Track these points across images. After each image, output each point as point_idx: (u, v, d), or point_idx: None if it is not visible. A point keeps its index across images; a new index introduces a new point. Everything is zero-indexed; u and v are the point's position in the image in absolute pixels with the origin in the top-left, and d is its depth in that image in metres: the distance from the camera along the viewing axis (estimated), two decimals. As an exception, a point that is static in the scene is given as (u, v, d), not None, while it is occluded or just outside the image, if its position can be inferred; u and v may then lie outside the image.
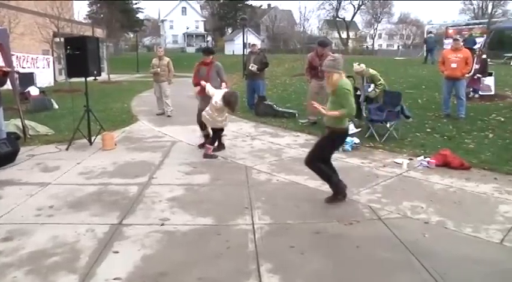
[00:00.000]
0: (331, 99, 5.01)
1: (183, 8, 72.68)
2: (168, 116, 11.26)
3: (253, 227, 4.47)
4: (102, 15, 31.58)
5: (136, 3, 58.79)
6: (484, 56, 12.79)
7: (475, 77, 11.82)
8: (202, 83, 7.30)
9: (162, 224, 4.50)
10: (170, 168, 6.57)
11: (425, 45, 25.10)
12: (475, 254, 3.99)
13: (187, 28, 70.51)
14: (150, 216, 4.72)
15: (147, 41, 72.61)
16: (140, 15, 61.43)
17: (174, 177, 6.15)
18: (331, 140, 5.13)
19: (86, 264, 3.67)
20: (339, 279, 3.54)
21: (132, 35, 56.05)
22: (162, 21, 73.29)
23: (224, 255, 3.86)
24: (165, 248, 3.99)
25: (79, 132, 7.92)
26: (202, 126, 7.52)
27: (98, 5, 47.41)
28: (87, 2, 50.66)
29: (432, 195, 5.52)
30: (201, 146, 7.59)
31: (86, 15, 50.67)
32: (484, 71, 12.01)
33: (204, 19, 74.04)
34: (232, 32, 67.12)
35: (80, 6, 79.85)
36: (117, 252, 3.90)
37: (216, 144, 7.41)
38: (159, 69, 11.26)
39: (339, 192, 5.16)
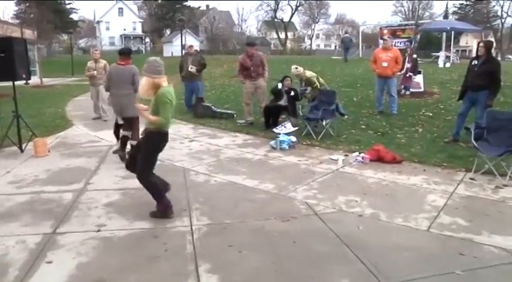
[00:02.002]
0: (152, 102, 4.63)
1: (119, 8, 70.86)
2: (105, 120, 10.96)
3: (191, 229, 4.47)
4: (31, 15, 30.07)
5: (69, 3, 56.67)
6: (415, 56, 13.44)
7: (407, 75, 12.39)
8: None
9: (99, 230, 4.40)
10: (107, 173, 6.42)
11: (342, 45, 26.31)
12: (405, 242, 4.21)
13: (125, 29, 68.82)
14: (86, 223, 4.59)
15: (82, 43, 70.02)
16: (74, 16, 59.28)
17: (111, 182, 6.02)
18: (150, 144, 4.75)
19: (15, 278, 3.50)
20: (277, 274, 3.61)
21: (66, 37, 54.04)
22: (98, 22, 71.09)
23: (162, 258, 3.84)
24: (101, 255, 3.91)
25: (8, 140, 7.55)
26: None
27: (27, 4, 45.00)
28: (14, 1, 48.28)
29: (366, 189, 5.74)
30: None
31: (14, 15, 48.34)
32: (415, 70, 12.61)
33: (142, 20, 72.57)
34: (170, 34, 66.17)
35: (4, 5, 75.21)
36: (50, 262, 3.76)
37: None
38: (95, 72, 10.93)
39: (160, 213, 4.77)
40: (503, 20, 64.70)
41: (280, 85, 9.31)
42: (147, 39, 71.46)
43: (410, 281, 3.49)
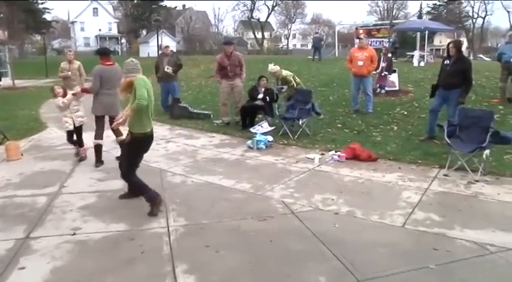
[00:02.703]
0: (131, 96, 4.79)
1: (94, 9, 69.83)
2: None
3: (168, 230, 4.45)
4: (1, 15, 29.19)
5: (42, 3, 55.42)
6: (390, 55, 13.62)
7: (382, 74, 12.55)
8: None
9: (74, 234, 4.34)
10: (82, 176, 6.32)
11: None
12: (381, 238, 4.28)
13: (100, 30, 67.90)
14: (60, 227, 4.52)
15: (56, 43, 68.69)
16: (47, 16, 57.91)
17: (87, 184, 5.93)
18: (133, 146, 4.93)
19: (-16, 287, 3.41)
20: (254, 273, 3.62)
21: (39, 37, 52.94)
22: (72, 22, 69.90)
23: (138, 260, 3.81)
24: (77, 258, 3.85)
25: (-22, 143, 7.39)
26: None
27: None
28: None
29: (342, 187, 5.80)
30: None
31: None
32: (389, 69, 12.78)
33: (118, 21, 71.65)
34: (147, 34, 65.50)
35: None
36: (23, 268, 3.69)
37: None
38: (69, 72, 10.74)
39: (153, 201, 4.90)
40: (474, 20, 66.28)
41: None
42: (123, 40, 70.60)
43: (385, 277, 3.54)
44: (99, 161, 6.88)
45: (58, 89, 7.28)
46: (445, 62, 7.73)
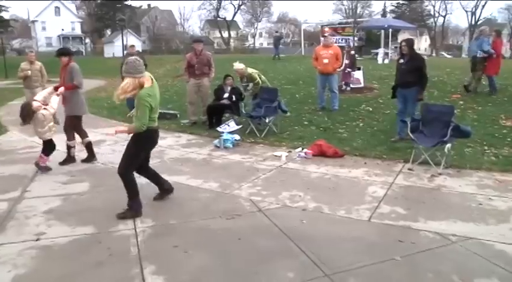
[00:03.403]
0: (135, 102, 4.64)
1: (56, 7, 68.03)
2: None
3: (136, 231, 4.39)
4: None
5: (-1, 1, 53.45)
6: (353, 52, 13.82)
7: (346, 71, 12.72)
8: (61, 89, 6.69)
9: (37, 239, 4.22)
10: (46, 180, 6.16)
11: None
12: (347, 233, 4.34)
13: (63, 30, 66.30)
14: (23, 233, 4.38)
15: (16, 43, 66.50)
16: (5, 15, 56.05)
17: (51, 188, 5.77)
18: (138, 143, 4.81)
19: None
20: (223, 272, 3.62)
21: (-4, 37, 51.22)
22: (33, 21, 67.98)
23: (106, 263, 3.75)
24: (41, 265, 3.75)
25: None
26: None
27: None
28: None
29: (309, 183, 5.86)
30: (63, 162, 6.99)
31: None
32: (353, 66, 12.97)
33: (81, 20, 70.19)
34: (111, 34, 64.29)
35: None
36: (-19, 278, 3.56)
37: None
38: (29, 71, 10.43)
39: (134, 211, 4.80)
40: (435, 19, 68.19)
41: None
42: (87, 40, 69.15)
43: (353, 270, 3.60)
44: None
45: (35, 104, 6.29)
46: (400, 61, 7.82)
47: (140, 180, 6.02)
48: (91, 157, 7.10)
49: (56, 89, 6.73)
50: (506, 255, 3.87)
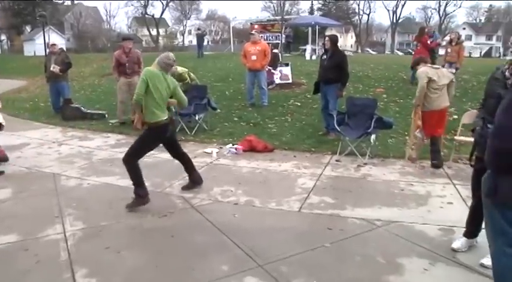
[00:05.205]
0: None
1: (-37, 1, 63.27)
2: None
3: (65, 235, 4.22)
4: None
5: None
6: (276, 51, 14.00)
7: (266, 69, 12.84)
8: None
9: (-47, 251, 3.94)
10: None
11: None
12: (279, 224, 4.45)
13: (-26, 26, 61.87)
14: None
15: None
16: None
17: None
18: (147, 134, 4.98)
19: None
20: (157, 270, 3.58)
21: None
22: None
23: (34, 271, 3.57)
24: (-41, 277, 3.51)
25: None
26: None
27: None
28: None
29: (240, 178, 5.93)
30: None
31: None
32: (274, 64, 13.02)
33: (-5, 15, 65.75)
34: (31, 31, 60.60)
35: None
36: None
37: None
38: None
39: (141, 198, 4.87)
40: (360, 17, 71.13)
41: None
42: (3, 37, 64.92)
43: (285, 259, 3.70)
44: None
45: None
46: (323, 58, 8.00)
47: (68, 183, 5.84)
48: None
49: None
50: (425, 235, 4.16)
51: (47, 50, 12.50)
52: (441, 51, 13.82)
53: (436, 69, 6.34)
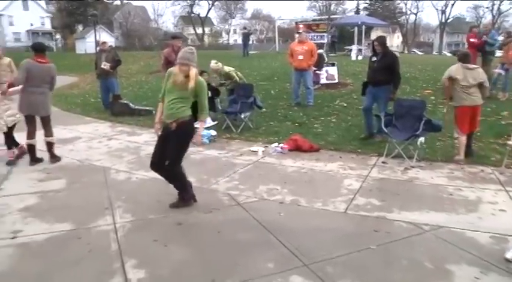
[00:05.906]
0: (182, 94, 4.63)
1: (24, 2, 66.22)
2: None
3: (115, 227, 4.39)
4: None
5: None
6: (320, 51, 13.87)
7: (312, 69, 12.76)
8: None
9: (14, 237, 4.15)
10: (20, 177, 6.04)
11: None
12: (324, 224, 4.44)
13: (32, 25, 64.60)
14: (-2, 231, 4.32)
15: (-19, 39, 64.45)
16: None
17: (26, 185, 5.66)
18: (186, 133, 4.71)
19: None
20: (203, 265, 3.67)
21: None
22: (-1, 15, 65.89)
23: (86, 259, 3.74)
24: (18, 263, 3.70)
25: None
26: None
27: None
28: None
29: (286, 177, 5.95)
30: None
31: None
32: (320, 65, 12.89)
33: (51, 15, 68.45)
34: (83, 30, 62.89)
35: None
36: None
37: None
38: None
39: (186, 201, 4.92)
40: (407, 17, 69.44)
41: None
42: (58, 36, 67.54)
43: (330, 259, 3.70)
44: (33, 159, 6.64)
45: None
46: (372, 59, 7.75)
47: (117, 176, 6.05)
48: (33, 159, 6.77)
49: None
50: (475, 242, 4.05)
51: (97, 48, 12.91)
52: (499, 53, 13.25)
53: (467, 69, 6.45)
